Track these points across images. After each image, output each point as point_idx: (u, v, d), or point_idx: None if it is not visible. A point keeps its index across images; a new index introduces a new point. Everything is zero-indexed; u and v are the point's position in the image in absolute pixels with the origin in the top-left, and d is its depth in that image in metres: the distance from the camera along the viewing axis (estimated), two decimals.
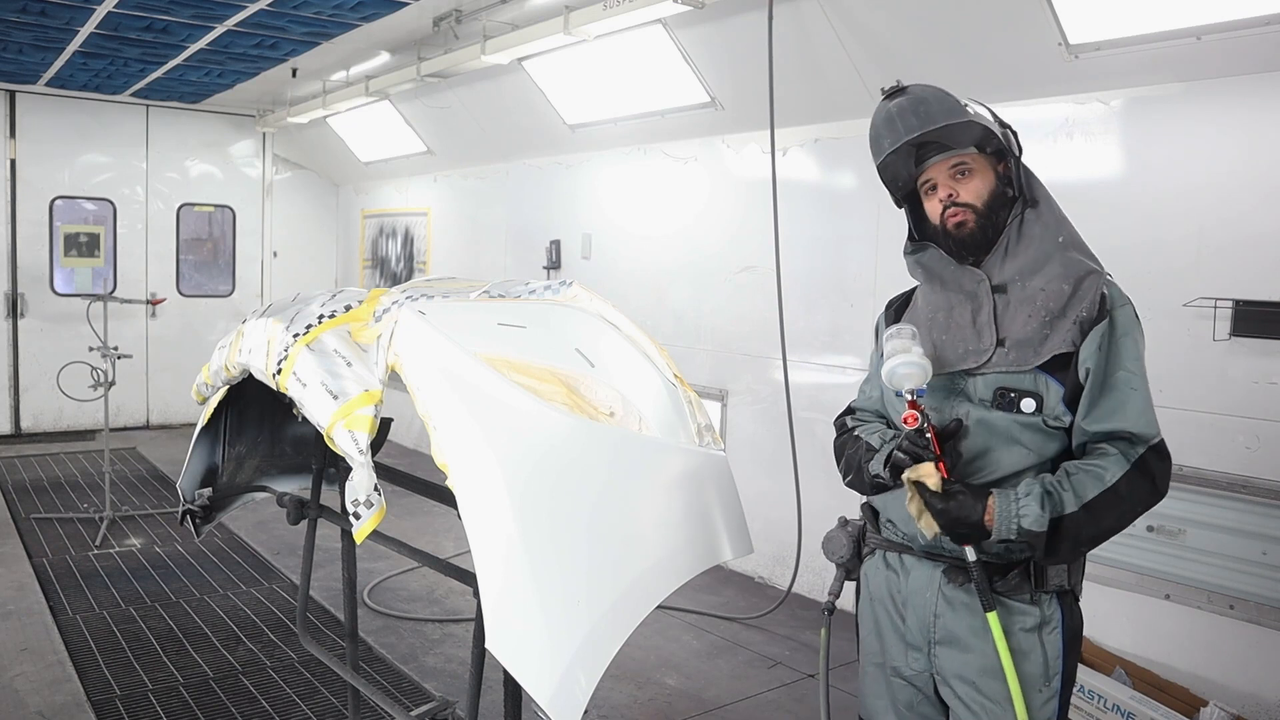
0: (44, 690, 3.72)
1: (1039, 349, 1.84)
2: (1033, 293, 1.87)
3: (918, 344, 1.87)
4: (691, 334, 5.70)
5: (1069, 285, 1.86)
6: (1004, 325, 1.88)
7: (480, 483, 1.77)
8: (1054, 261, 1.88)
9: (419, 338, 1.95)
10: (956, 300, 1.96)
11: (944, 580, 1.91)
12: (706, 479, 2.09)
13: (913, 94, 1.92)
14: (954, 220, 1.93)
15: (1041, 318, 1.85)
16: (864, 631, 2.10)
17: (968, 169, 1.92)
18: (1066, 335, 1.83)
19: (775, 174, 4.63)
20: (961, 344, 1.92)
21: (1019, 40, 3.77)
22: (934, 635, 1.92)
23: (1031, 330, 1.85)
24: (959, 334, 1.93)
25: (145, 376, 9.10)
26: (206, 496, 2.73)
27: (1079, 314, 1.83)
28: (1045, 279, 1.88)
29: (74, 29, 6.21)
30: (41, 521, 6.05)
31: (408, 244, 8.92)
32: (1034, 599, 1.86)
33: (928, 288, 2.04)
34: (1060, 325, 1.84)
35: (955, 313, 1.95)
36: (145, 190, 9.13)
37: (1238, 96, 3.40)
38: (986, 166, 1.94)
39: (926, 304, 2.04)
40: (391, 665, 4.09)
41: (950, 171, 1.94)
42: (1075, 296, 1.85)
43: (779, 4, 4.37)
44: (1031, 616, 1.86)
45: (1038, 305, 1.86)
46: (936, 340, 1.96)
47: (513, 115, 6.75)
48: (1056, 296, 1.85)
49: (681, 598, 4.73)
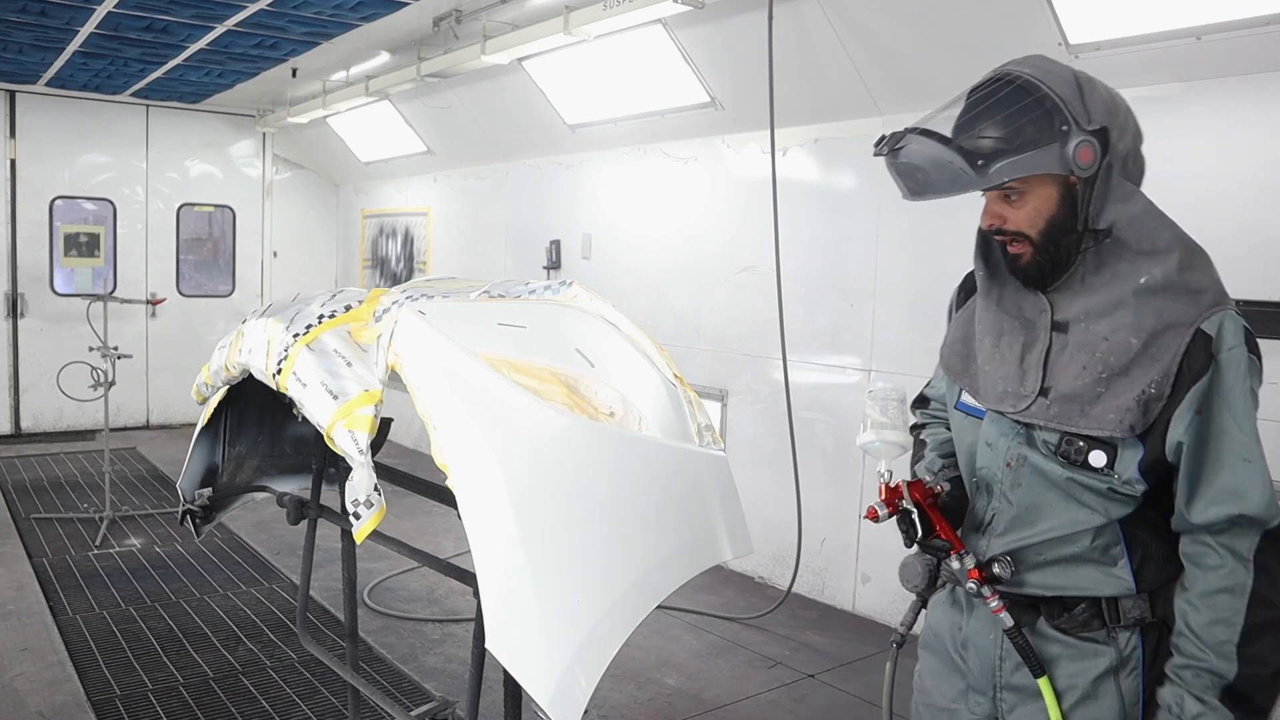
0: (44, 690, 3.72)
1: (1087, 409, 1.53)
2: (1094, 339, 1.55)
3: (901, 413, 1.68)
4: (691, 334, 5.70)
5: (1138, 340, 1.51)
6: (1054, 371, 1.59)
7: (480, 483, 1.77)
8: (1127, 307, 1.53)
9: (419, 338, 1.95)
10: (1009, 328, 1.67)
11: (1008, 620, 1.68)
12: (706, 479, 2.09)
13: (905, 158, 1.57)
14: (1009, 249, 1.62)
15: (1097, 372, 1.53)
16: (920, 667, 1.91)
17: (1021, 190, 1.57)
18: (1126, 415, 1.50)
19: (775, 174, 4.63)
20: (1002, 382, 1.65)
21: (1019, 40, 3.77)
22: (999, 679, 1.71)
23: (1083, 385, 1.54)
24: (1002, 369, 1.66)
25: (145, 376, 9.10)
26: (206, 496, 2.72)
27: (1146, 387, 1.49)
28: (1112, 326, 1.54)
29: (74, 29, 6.21)
30: (41, 521, 6.05)
31: (408, 244, 8.92)
32: (1110, 635, 1.61)
33: (984, 298, 1.74)
34: (1119, 388, 1.51)
35: (1004, 342, 1.67)
36: (145, 190, 9.13)
37: (1238, 96, 3.40)
38: (1048, 183, 1.55)
39: (980, 319, 1.75)
40: (391, 665, 4.09)
41: (998, 193, 1.60)
42: (1144, 355, 1.50)
43: (779, 4, 4.37)
44: (1105, 658, 1.60)
45: (1096, 356, 1.54)
46: (979, 368, 1.70)
47: (513, 115, 6.76)
48: (1120, 350, 1.52)
49: (681, 598, 4.73)
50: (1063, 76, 1.54)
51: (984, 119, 1.51)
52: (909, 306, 4.54)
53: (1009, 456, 1.66)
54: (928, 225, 4.45)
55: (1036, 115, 1.50)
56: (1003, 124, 1.50)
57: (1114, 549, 1.60)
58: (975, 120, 1.52)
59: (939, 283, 4.40)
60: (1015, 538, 1.66)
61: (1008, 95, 1.52)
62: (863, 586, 4.77)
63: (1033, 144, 1.50)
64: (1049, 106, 1.51)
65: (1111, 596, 1.60)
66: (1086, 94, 1.54)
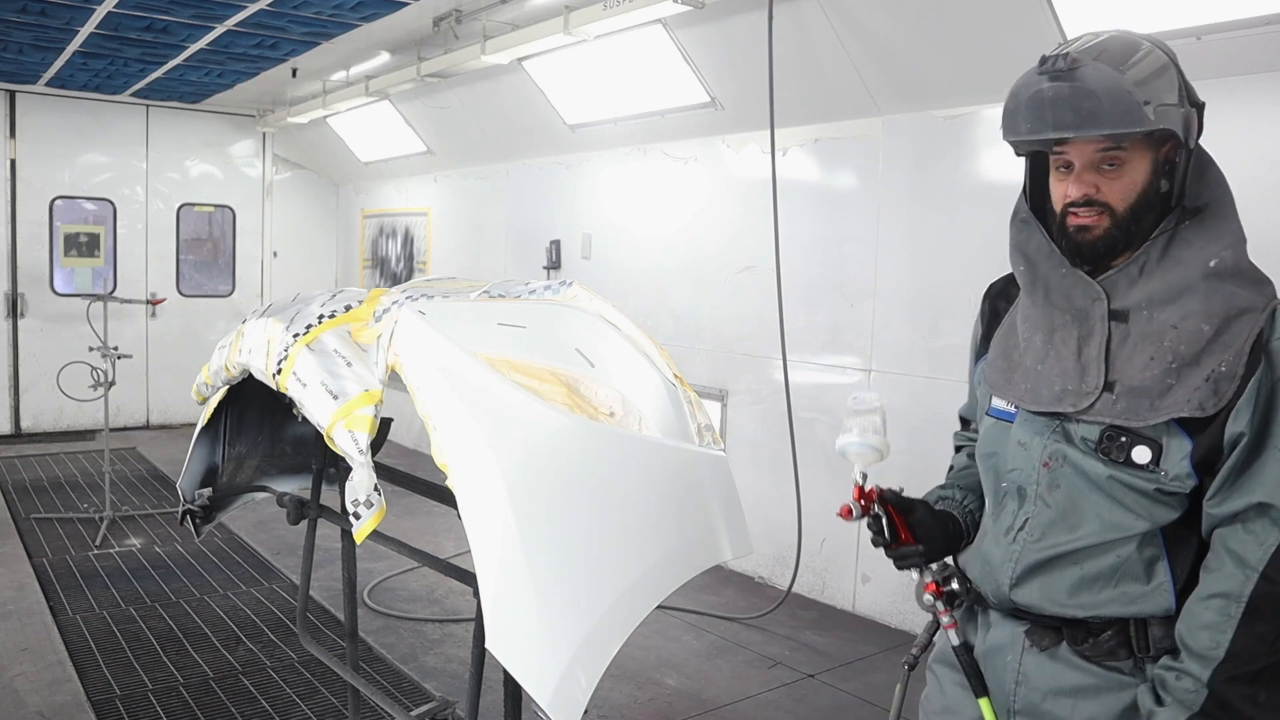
0: (44, 690, 3.72)
1: (1156, 402, 1.44)
2: (1161, 328, 1.46)
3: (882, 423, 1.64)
4: (691, 334, 5.70)
5: (1210, 326, 1.43)
6: (1117, 364, 1.48)
7: (480, 483, 1.77)
8: (1195, 292, 1.45)
9: (419, 338, 1.95)
10: (1061, 321, 1.56)
11: (1028, 642, 1.59)
12: (706, 479, 2.09)
13: (1083, 80, 1.41)
14: (1077, 222, 1.51)
15: (1167, 362, 1.44)
16: (929, 688, 1.83)
17: (1119, 158, 1.47)
18: (1194, 394, 1.41)
19: (775, 174, 4.63)
20: (1060, 379, 1.54)
21: (1019, 40, 3.77)
22: (1014, 703, 1.60)
23: (1151, 377, 1.45)
24: (1059, 366, 1.54)
25: (145, 376, 9.10)
26: (206, 496, 2.73)
27: (1216, 367, 1.41)
28: (1181, 313, 1.45)
29: (74, 29, 6.21)
30: (41, 521, 6.05)
31: (408, 244, 8.92)
32: (1137, 666, 1.50)
33: (1028, 296, 1.63)
34: (1189, 376, 1.42)
35: (1058, 337, 1.56)
36: (145, 190, 9.13)
37: (1238, 96, 3.40)
38: (1145, 155, 1.47)
39: (1025, 319, 1.64)
40: (391, 665, 4.09)
41: (1097, 158, 1.48)
42: (1217, 342, 1.42)
43: (779, 4, 4.37)
44: (1130, 691, 1.49)
45: (1165, 345, 1.45)
46: (1031, 369, 1.59)
47: (513, 115, 6.76)
48: (1191, 338, 1.43)
49: (681, 598, 4.74)
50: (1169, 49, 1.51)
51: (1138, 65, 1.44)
52: (909, 306, 4.53)
53: (1046, 455, 1.56)
54: (928, 225, 4.45)
55: (1168, 76, 1.46)
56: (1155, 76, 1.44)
57: (1157, 563, 1.50)
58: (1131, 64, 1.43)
59: (939, 283, 4.41)
60: (1052, 543, 1.56)
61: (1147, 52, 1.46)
62: (863, 586, 4.77)
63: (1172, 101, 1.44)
64: (1173, 73, 1.47)
65: (1142, 621, 1.50)
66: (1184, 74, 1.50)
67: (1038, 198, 1.61)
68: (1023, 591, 1.59)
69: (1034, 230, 1.59)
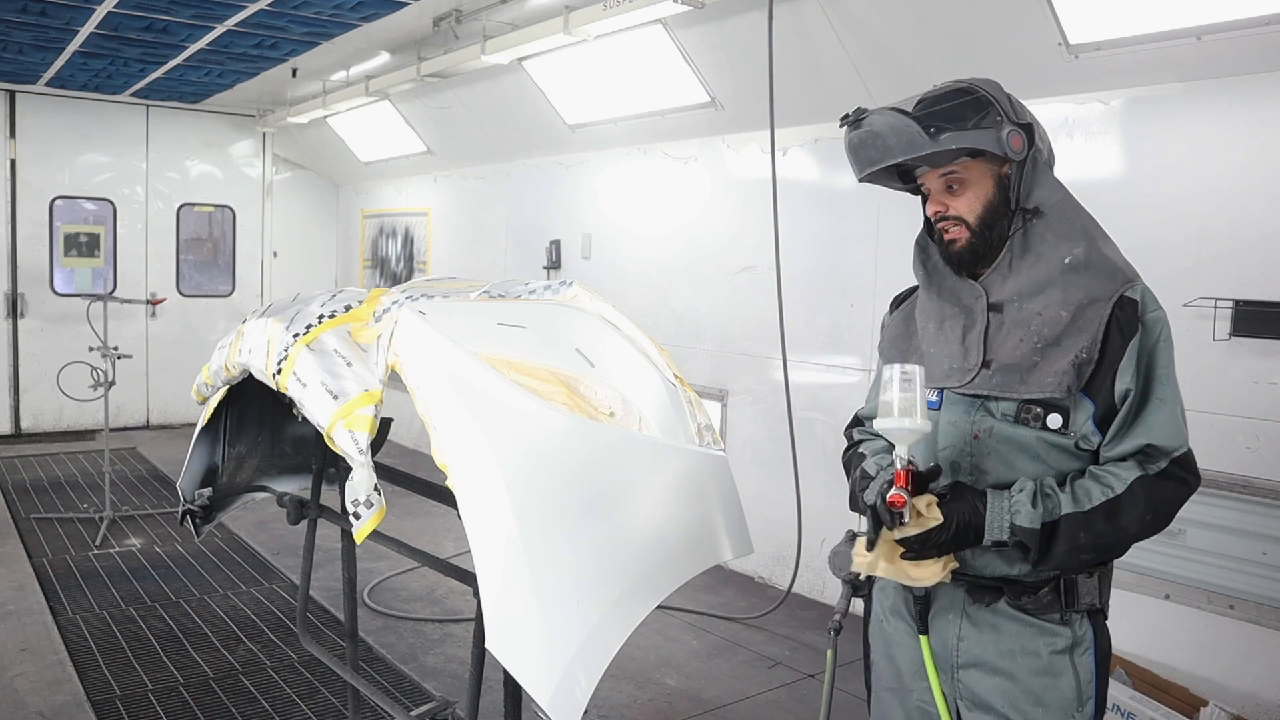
0: (44, 690, 3.72)
1: (1025, 377, 1.72)
2: (1028, 315, 1.75)
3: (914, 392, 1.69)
4: (691, 334, 5.70)
5: (1067, 313, 1.71)
6: (993, 346, 1.77)
7: (480, 483, 1.77)
8: (1055, 285, 1.74)
9: (419, 338, 1.95)
10: (950, 313, 1.86)
11: (968, 600, 1.79)
12: (706, 479, 2.09)
13: (868, 126, 1.77)
14: (946, 236, 1.83)
15: (1033, 343, 1.73)
16: (875, 655, 1.98)
17: (959, 179, 1.80)
18: (1062, 378, 1.69)
19: (775, 174, 4.63)
20: (947, 360, 1.83)
21: (1019, 40, 3.77)
22: (957, 659, 1.81)
23: (1020, 355, 1.73)
24: (946, 349, 1.84)
25: (145, 376, 9.10)
26: (206, 496, 2.73)
27: (1078, 353, 1.69)
28: (1044, 302, 1.74)
29: (74, 29, 6.21)
30: (41, 521, 6.05)
31: (408, 244, 8.92)
32: (1065, 619, 1.75)
33: (926, 293, 1.94)
34: (1053, 356, 1.71)
35: (947, 325, 1.85)
36: (145, 190, 9.13)
37: (1238, 96, 3.40)
38: (985, 174, 1.79)
39: (922, 311, 1.95)
40: (391, 665, 4.09)
41: (942, 182, 1.82)
42: (1073, 326, 1.70)
43: (779, 4, 4.37)
44: (1063, 638, 1.75)
45: (1031, 330, 1.74)
46: (926, 351, 1.87)
47: (513, 115, 6.76)
48: (1052, 323, 1.72)
49: (681, 598, 4.74)
50: (995, 85, 1.81)
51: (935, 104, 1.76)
52: None
53: (975, 430, 1.79)
54: None
55: (976, 106, 1.76)
56: (950, 108, 1.75)
57: None
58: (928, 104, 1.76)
59: None
60: None
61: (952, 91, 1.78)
62: None
63: (974, 126, 1.74)
64: (986, 101, 1.76)
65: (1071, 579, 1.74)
66: (1014, 100, 1.81)
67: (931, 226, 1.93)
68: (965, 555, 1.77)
69: (930, 248, 1.92)
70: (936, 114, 1.73)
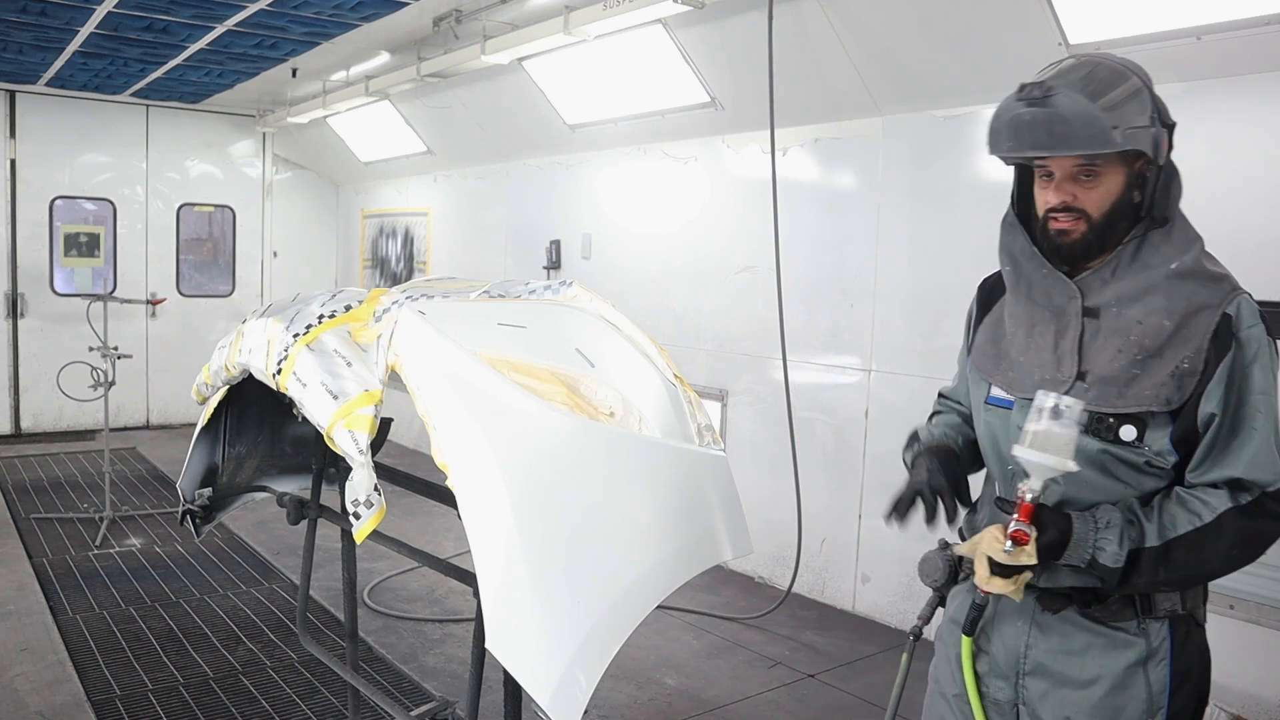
0: (44, 690, 3.72)
1: (1124, 390, 1.60)
2: (1128, 323, 1.63)
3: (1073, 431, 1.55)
4: (691, 334, 5.70)
5: (1171, 322, 1.60)
6: (1089, 356, 1.65)
7: (480, 483, 1.77)
8: (1158, 292, 1.62)
9: (419, 338, 1.95)
10: (1040, 317, 1.73)
11: (1037, 608, 1.73)
12: (706, 479, 2.09)
13: (1056, 108, 1.57)
14: (1057, 226, 1.67)
15: (1133, 355, 1.61)
16: (938, 658, 1.94)
17: (1096, 171, 1.63)
18: (1161, 390, 1.58)
19: (775, 174, 4.63)
20: (1039, 369, 1.71)
21: (1019, 40, 3.77)
22: (1024, 665, 1.75)
23: (1118, 368, 1.62)
24: (1037, 357, 1.72)
25: (145, 376, 9.10)
26: (206, 496, 2.73)
27: (1179, 363, 1.58)
28: (1145, 310, 1.62)
29: (74, 29, 6.21)
30: (41, 521, 6.05)
31: (408, 244, 8.92)
32: (1141, 626, 1.66)
33: (1013, 293, 1.80)
34: (1154, 368, 1.59)
35: (1037, 331, 1.73)
36: (145, 190, 9.13)
37: (1238, 96, 3.40)
38: (1118, 169, 1.63)
39: (1010, 314, 1.81)
40: (391, 665, 4.09)
41: (1074, 170, 1.64)
42: (1177, 336, 1.59)
43: (779, 4, 4.37)
44: (1135, 649, 1.65)
45: (1130, 339, 1.62)
46: (1014, 359, 1.76)
47: (513, 115, 6.76)
48: (1154, 333, 1.60)
49: (681, 598, 4.74)
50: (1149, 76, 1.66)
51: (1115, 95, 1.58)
52: (909, 306, 4.53)
53: None
54: (928, 225, 4.45)
55: (1142, 101, 1.61)
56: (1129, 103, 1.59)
57: None
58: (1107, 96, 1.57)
59: (939, 283, 4.41)
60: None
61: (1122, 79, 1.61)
62: (863, 586, 4.77)
63: (1143, 123, 1.60)
64: (1145, 96, 1.62)
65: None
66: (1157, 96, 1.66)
67: (1024, 203, 1.77)
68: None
69: (1019, 233, 1.75)
70: (1120, 109, 1.57)
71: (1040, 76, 1.62)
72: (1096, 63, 1.62)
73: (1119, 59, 1.66)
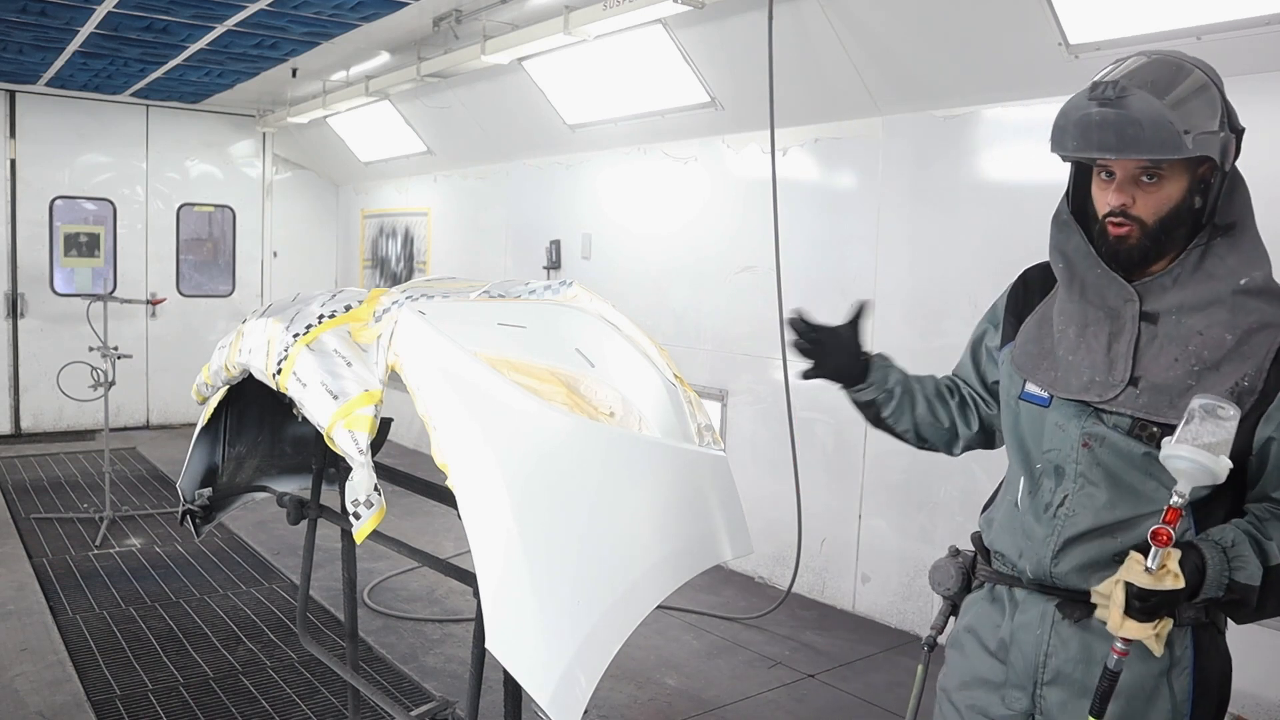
0: (44, 690, 3.72)
1: (1176, 400, 1.55)
2: (1187, 332, 1.58)
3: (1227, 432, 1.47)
4: (691, 334, 5.70)
5: (1232, 336, 1.55)
6: (1144, 362, 1.60)
7: (480, 483, 1.77)
8: (1223, 305, 1.57)
9: (419, 338, 1.95)
10: (1094, 317, 1.67)
11: (1058, 616, 1.69)
12: (706, 479, 2.09)
13: (1128, 108, 1.51)
14: (1116, 230, 1.61)
15: (1189, 365, 1.56)
16: (949, 665, 1.91)
17: (1159, 174, 1.57)
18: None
19: (775, 174, 4.63)
20: (1089, 370, 1.65)
21: (1019, 40, 3.77)
22: (1042, 675, 1.71)
23: (1174, 376, 1.57)
24: (1088, 358, 1.66)
25: (145, 376, 9.10)
26: (206, 496, 2.73)
27: (1239, 379, 1.53)
28: (1207, 321, 1.58)
29: (74, 29, 6.21)
30: (41, 521, 6.05)
31: (408, 244, 8.92)
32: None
33: (1065, 291, 1.74)
34: (1210, 381, 1.55)
35: (1090, 331, 1.67)
36: (145, 190, 9.13)
37: (1238, 96, 3.39)
38: (1182, 174, 1.58)
39: (1060, 312, 1.74)
40: (391, 665, 4.09)
41: (1137, 172, 1.58)
42: (1237, 352, 1.55)
43: (779, 4, 4.37)
44: (1160, 658, 1.60)
45: (1189, 349, 1.57)
46: (1063, 359, 1.70)
47: (513, 115, 6.76)
48: (1214, 345, 1.56)
49: (681, 598, 4.73)
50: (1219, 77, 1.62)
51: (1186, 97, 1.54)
52: (909, 306, 4.53)
53: (1084, 437, 1.65)
54: (928, 225, 4.45)
55: (1212, 105, 1.57)
56: (1202, 107, 1.55)
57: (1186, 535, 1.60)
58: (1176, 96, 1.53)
59: (939, 283, 4.41)
60: (1091, 517, 1.65)
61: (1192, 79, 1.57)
62: (863, 586, 4.77)
63: (1213, 128, 1.55)
64: (1217, 101, 1.58)
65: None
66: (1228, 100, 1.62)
67: (1078, 200, 1.72)
68: (1062, 564, 1.67)
69: (1073, 232, 1.69)
70: (1192, 113, 1.53)
71: (1113, 75, 1.56)
72: (1171, 63, 1.58)
73: (1193, 59, 1.61)
